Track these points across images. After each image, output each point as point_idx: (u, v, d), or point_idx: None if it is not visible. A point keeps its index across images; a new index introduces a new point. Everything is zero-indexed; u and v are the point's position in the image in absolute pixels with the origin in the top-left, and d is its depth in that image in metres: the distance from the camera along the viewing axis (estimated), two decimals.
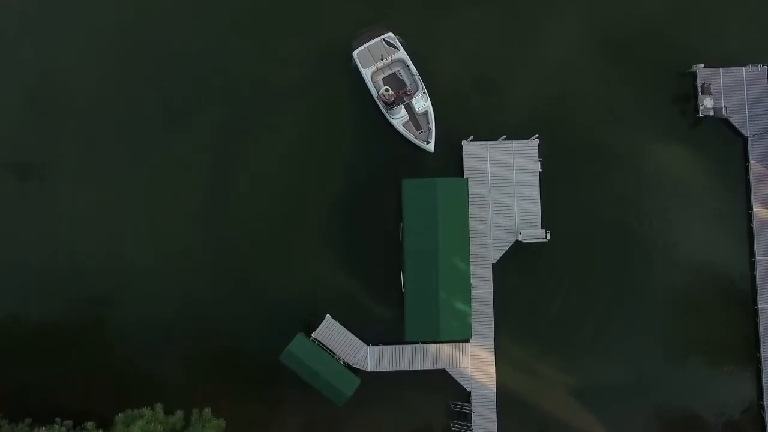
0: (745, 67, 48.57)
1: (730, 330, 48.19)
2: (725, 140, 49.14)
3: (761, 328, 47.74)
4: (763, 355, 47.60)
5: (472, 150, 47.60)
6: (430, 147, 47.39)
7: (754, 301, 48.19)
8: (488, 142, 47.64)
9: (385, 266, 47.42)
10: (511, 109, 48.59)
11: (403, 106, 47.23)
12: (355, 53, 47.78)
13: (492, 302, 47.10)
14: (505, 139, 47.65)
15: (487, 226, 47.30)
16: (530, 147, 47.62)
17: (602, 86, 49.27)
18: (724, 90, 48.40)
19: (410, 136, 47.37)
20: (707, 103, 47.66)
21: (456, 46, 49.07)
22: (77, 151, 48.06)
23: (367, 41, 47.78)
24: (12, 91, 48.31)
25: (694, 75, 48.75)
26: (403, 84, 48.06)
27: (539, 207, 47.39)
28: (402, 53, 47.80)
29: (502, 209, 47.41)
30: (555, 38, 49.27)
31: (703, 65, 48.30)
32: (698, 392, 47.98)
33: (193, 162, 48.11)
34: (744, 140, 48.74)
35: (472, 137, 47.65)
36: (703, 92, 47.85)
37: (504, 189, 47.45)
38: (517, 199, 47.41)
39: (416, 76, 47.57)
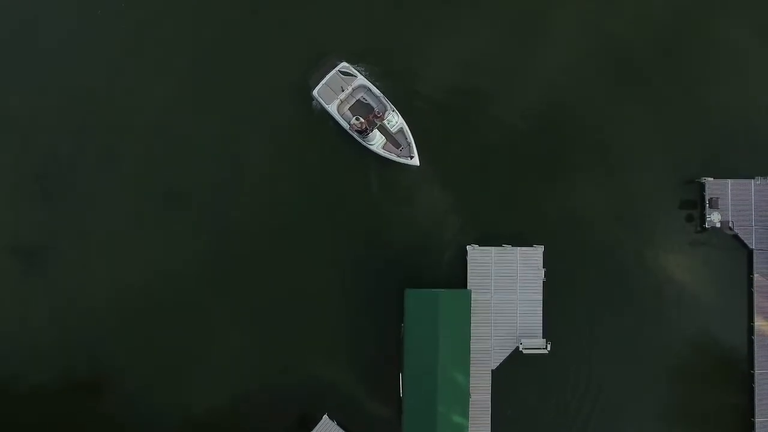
0: (753, 179, 48.34)
1: None
2: (730, 250, 48.93)
3: None
4: None
5: (477, 255, 47.48)
6: (415, 161, 47.43)
7: (752, 414, 48.23)
8: (493, 248, 47.55)
9: (384, 365, 47.43)
10: (515, 216, 48.73)
11: (377, 129, 47.01)
12: (315, 93, 47.65)
13: (489, 409, 47.12)
14: (510, 246, 47.65)
15: (489, 332, 47.25)
16: (535, 255, 47.49)
17: (607, 189, 49.17)
18: (731, 201, 48.21)
19: (393, 157, 47.39)
20: (714, 218, 47.51)
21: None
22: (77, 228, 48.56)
23: (323, 78, 47.58)
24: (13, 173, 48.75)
25: (702, 185, 48.53)
26: (370, 108, 47.89)
27: (541, 315, 47.37)
28: (361, 79, 47.73)
29: (504, 316, 47.35)
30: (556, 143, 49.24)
31: (712, 178, 48.06)
32: None
33: (187, 249, 48.43)
34: (749, 252, 48.58)
35: (476, 245, 47.61)
36: (710, 206, 47.70)
37: (507, 296, 47.39)
38: (520, 306, 47.34)
39: (381, 97, 47.55)
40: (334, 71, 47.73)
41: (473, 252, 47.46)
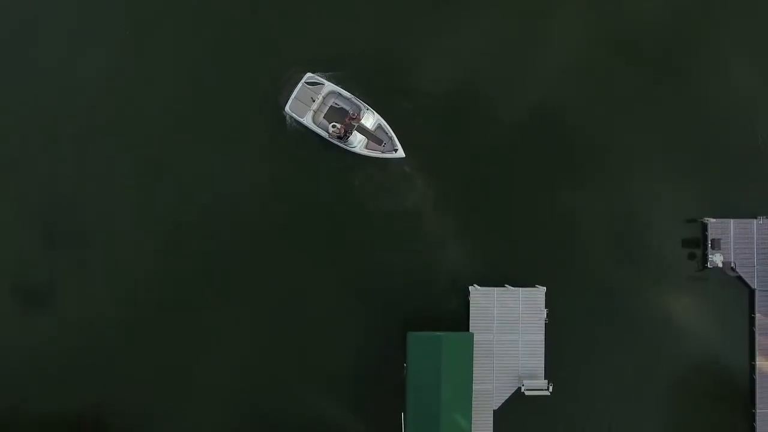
0: (756, 219, 48.35)
1: None
2: (732, 289, 48.98)
3: None
4: None
5: (479, 296, 47.54)
6: (400, 153, 47.60)
7: None
8: (495, 289, 47.59)
9: (387, 406, 47.53)
10: (517, 259, 48.87)
11: (356, 131, 47.04)
12: (287, 109, 47.84)
13: None
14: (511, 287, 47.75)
15: (491, 373, 47.31)
16: (537, 295, 47.52)
17: (609, 228, 49.31)
18: (733, 241, 48.21)
19: (377, 154, 47.55)
20: (716, 259, 47.51)
21: None
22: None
23: (291, 93, 47.71)
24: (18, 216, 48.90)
25: (704, 225, 48.55)
26: (344, 112, 47.92)
27: (543, 356, 47.40)
28: (328, 85, 47.97)
29: (506, 356, 47.39)
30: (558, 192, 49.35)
31: (713, 219, 48.08)
32: None
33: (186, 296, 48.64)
34: (751, 291, 48.63)
35: (476, 284, 47.76)
36: (713, 247, 47.71)
37: (509, 336, 47.43)
38: (522, 347, 47.38)
39: (353, 98, 47.72)
40: (300, 84, 47.81)
41: (475, 292, 47.51)
